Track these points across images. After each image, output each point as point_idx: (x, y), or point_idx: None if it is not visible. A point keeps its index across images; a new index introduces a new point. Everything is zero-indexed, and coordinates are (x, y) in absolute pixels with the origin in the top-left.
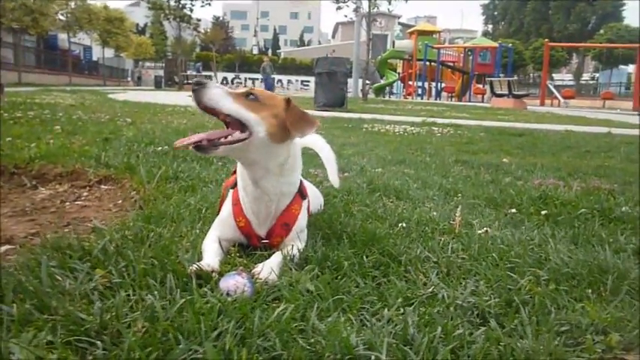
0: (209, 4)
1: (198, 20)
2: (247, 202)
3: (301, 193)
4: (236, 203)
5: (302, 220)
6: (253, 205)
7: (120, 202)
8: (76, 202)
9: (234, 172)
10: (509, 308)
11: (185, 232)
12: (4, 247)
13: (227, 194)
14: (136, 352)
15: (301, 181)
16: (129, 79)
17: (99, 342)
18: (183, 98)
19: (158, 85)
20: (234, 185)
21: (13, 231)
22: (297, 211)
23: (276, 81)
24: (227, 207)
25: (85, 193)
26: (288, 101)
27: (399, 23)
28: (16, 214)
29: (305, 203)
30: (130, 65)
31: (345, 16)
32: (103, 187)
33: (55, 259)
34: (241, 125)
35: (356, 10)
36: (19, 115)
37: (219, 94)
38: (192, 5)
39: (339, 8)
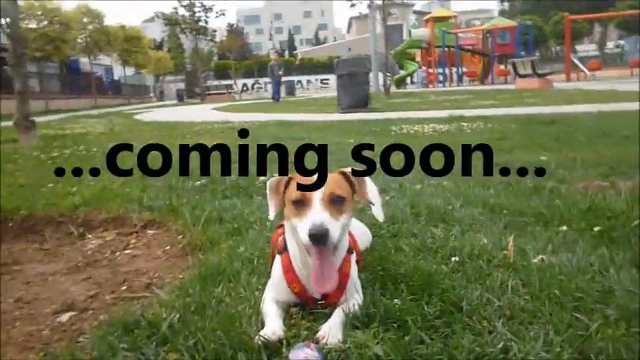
0: (223, 14)
1: (214, 31)
2: (302, 270)
3: (349, 249)
4: (288, 270)
5: (354, 273)
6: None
7: (168, 247)
8: (126, 251)
9: (280, 225)
10: None
11: (244, 292)
12: (67, 315)
13: (277, 253)
14: None
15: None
16: (152, 94)
17: None
18: (208, 113)
19: (180, 98)
20: (284, 249)
21: (72, 293)
22: (348, 268)
23: (295, 82)
24: (277, 270)
25: (133, 240)
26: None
27: (414, 11)
28: (70, 271)
29: (353, 257)
30: (151, 81)
31: (360, 12)
32: (149, 232)
33: (124, 341)
34: None
35: (370, 4)
36: (56, 155)
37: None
38: (207, 17)
39: (352, 5)
